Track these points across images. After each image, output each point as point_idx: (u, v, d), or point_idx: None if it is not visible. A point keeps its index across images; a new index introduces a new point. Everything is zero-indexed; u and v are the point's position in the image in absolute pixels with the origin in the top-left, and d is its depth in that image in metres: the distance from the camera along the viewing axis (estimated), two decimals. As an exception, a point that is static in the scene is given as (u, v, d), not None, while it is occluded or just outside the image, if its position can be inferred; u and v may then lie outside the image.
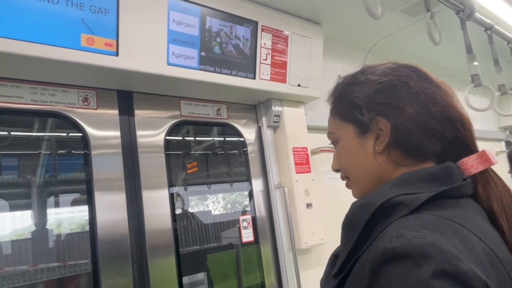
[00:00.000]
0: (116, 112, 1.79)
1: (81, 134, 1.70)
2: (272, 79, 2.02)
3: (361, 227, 0.60)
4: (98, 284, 1.59)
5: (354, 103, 0.71)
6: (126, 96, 1.83)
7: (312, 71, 2.19)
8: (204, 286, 2.75)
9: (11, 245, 4.38)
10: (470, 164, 0.66)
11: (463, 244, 0.52)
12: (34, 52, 1.35)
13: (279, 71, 2.05)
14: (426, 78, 0.71)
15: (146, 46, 1.59)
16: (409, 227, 0.54)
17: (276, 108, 2.18)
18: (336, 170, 0.78)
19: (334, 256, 0.72)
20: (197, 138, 2.94)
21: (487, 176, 0.67)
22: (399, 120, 0.66)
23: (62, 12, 1.39)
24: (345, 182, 0.77)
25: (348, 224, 0.65)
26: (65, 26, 1.41)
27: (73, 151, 2.50)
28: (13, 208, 4.30)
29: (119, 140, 1.78)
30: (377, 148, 0.68)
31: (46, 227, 4.64)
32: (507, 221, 0.64)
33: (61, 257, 3.78)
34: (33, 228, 4.82)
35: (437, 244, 0.49)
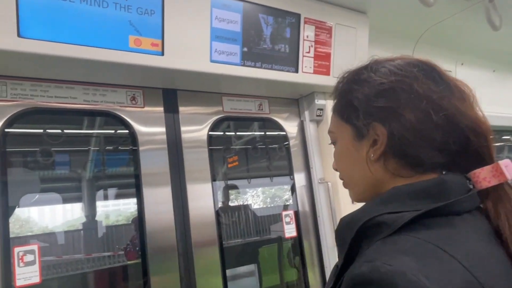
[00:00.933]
0: (161, 109, 1.87)
1: (129, 131, 1.79)
2: (315, 72, 2.00)
3: (348, 244, 0.59)
4: (147, 274, 1.68)
5: (352, 104, 0.66)
6: (171, 94, 1.90)
7: (357, 63, 2.13)
8: (247, 278, 2.82)
9: (64, 235, 4.73)
10: (483, 177, 0.60)
11: (439, 273, 0.48)
12: (87, 55, 1.43)
13: (323, 63, 2.03)
14: (435, 80, 0.63)
15: (190, 45, 1.64)
16: (383, 252, 0.52)
17: (319, 102, 2.16)
18: (335, 169, 0.74)
19: (336, 267, 0.67)
20: (237, 133, 2.99)
21: (500, 192, 0.60)
22: (396, 128, 0.61)
23: (111, 15, 1.46)
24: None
25: (338, 239, 0.64)
26: (114, 28, 1.48)
27: (121, 147, 2.65)
28: (65, 201, 4.63)
29: (164, 136, 1.85)
30: (372, 155, 0.63)
31: (96, 218, 4.95)
32: None
33: (111, 248, 4.02)
34: (84, 219, 5.17)
35: (404, 273, 0.47)
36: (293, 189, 2.28)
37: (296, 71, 1.94)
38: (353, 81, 0.68)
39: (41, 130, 2.37)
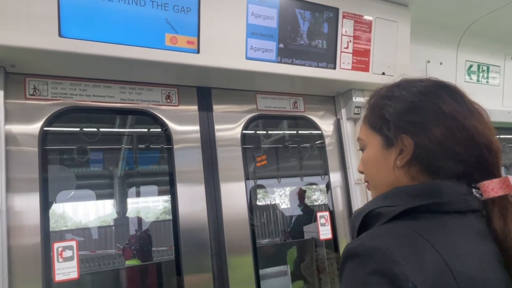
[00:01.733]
0: (195, 108, 1.87)
1: (164, 130, 1.80)
2: (353, 68, 1.94)
3: (356, 231, 0.72)
4: (180, 270, 1.70)
5: (384, 117, 0.76)
6: (205, 92, 1.90)
7: (398, 58, 2.06)
8: (280, 278, 2.80)
9: (97, 231, 4.89)
10: (491, 188, 0.70)
11: (412, 253, 0.60)
12: (124, 54, 1.45)
13: (362, 59, 1.96)
14: (459, 101, 0.73)
15: (226, 42, 1.63)
16: (372, 234, 0.66)
17: (357, 99, 2.09)
18: (361, 172, 0.85)
19: None
20: (271, 132, 2.96)
21: (506, 202, 0.70)
22: (423, 140, 0.71)
23: (148, 14, 1.48)
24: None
25: (351, 227, 0.78)
26: (151, 27, 1.50)
27: (155, 146, 2.69)
28: (99, 197, 4.78)
29: (198, 135, 1.86)
30: (398, 163, 0.74)
31: (133, 215, 5.07)
32: None
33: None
34: (115, 215, 5.30)
35: (381, 248, 0.60)
36: (327, 190, 2.23)
37: (334, 67, 1.89)
38: (386, 97, 0.78)
39: (78, 129, 2.45)
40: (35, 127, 1.51)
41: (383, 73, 2.03)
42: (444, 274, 0.59)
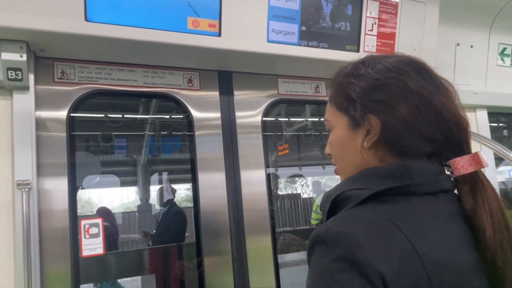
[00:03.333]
0: (216, 93, 1.91)
1: (187, 116, 1.84)
2: (378, 51, 1.91)
3: (326, 214, 0.72)
4: (200, 253, 1.76)
5: (349, 97, 0.74)
6: (226, 76, 1.93)
7: (425, 40, 2.01)
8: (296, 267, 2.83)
9: (121, 216, 5.07)
10: (461, 165, 0.69)
11: (379, 238, 0.60)
12: (148, 37, 1.50)
13: (387, 42, 1.93)
14: (426, 77, 0.72)
15: (247, 25, 1.64)
16: (340, 218, 0.66)
17: (382, 84, 2.07)
18: (328, 155, 0.83)
19: None
20: (294, 119, 2.97)
21: (476, 178, 0.70)
22: (389, 120, 0.69)
23: (170, -3, 1.51)
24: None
25: (322, 211, 0.76)
26: (173, 10, 1.53)
27: (177, 132, 2.76)
28: (122, 184, 4.94)
29: (219, 121, 1.89)
30: (366, 144, 0.72)
31: (149, 202, 5.22)
32: (492, 222, 0.66)
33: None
34: (138, 202, 5.47)
35: (346, 234, 0.60)
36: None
37: (358, 50, 1.87)
38: (351, 75, 0.75)
39: (103, 115, 2.54)
40: (62, 113, 1.58)
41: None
42: (411, 259, 0.59)
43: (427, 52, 2.03)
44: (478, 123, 2.54)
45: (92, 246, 1.53)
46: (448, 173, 0.72)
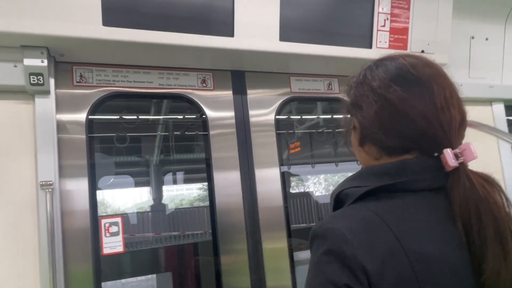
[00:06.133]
0: (230, 92, 1.95)
1: (201, 115, 1.89)
2: (390, 46, 1.93)
3: (332, 211, 0.76)
4: (217, 251, 1.81)
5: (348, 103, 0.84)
6: (239, 75, 1.97)
7: (439, 34, 2.02)
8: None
9: (136, 216, 5.16)
10: (445, 161, 0.70)
11: (366, 233, 0.64)
12: (162, 40, 1.56)
13: (399, 37, 1.95)
14: (403, 81, 0.74)
15: (259, 24, 1.69)
16: (333, 215, 0.72)
17: (394, 79, 2.08)
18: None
19: None
20: (307, 116, 2.99)
21: (458, 173, 0.69)
22: (361, 119, 0.77)
23: (184, -1, 1.56)
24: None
25: (330, 208, 0.81)
26: (188, 12, 1.58)
27: (191, 132, 2.81)
28: (136, 184, 5.03)
29: (233, 120, 1.93)
30: (357, 143, 0.81)
31: (162, 201, 5.30)
32: (480, 222, 0.66)
33: (177, 228, 4.32)
34: (151, 202, 5.56)
35: (335, 229, 0.66)
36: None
37: (370, 46, 1.90)
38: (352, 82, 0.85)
39: (118, 116, 2.61)
40: (82, 116, 1.65)
41: (423, 51, 2.01)
42: (396, 253, 0.63)
43: (441, 46, 2.04)
44: (495, 116, 2.53)
45: (113, 244, 1.60)
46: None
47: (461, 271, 0.65)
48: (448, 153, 0.70)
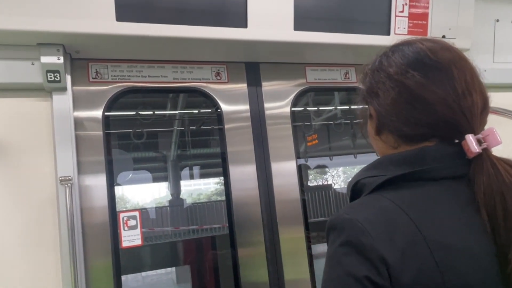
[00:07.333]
0: (244, 85, 1.95)
1: (216, 109, 1.90)
2: (409, 33, 1.88)
3: (349, 201, 0.76)
4: (234, 244, 1.82)
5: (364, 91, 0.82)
6: (254, 67, 1.96)
7: (460, 19, 1.95)
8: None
9: (154, 211, 5.27)
10: (467, 148, 0.67)
11: (385, 224, 0.63)
12: (175, 33, 1.56)
13: (419, 22, 1.89)
14: (421, 66, 0.72)
15: (273, 14, 1.67)
16: (350, 206, 0.71)
17: (414, 67, 2.03)
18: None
19: None
20: (324, 108, 2.96)
21: (481, 160, 0.67)
22: (379, 107, 0.75)
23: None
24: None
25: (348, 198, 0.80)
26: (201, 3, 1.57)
27: (206, 126, 2.83)
28: (155, 179, 5.13)
29: (248, 113, 1.93)
30: (373, 132, 0.79)
31: (180, 196, 5.38)
32: (504, 210, 0.63)
33: (195, 222, 4.39)
34: (169, 197, 5.65)
35: (352, 220, 0.64)
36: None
37: (388, 33, 1.85)
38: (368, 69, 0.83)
39: (134, 112, 2.65)
40: (98, 112, 1.67)
41: (443, 36, 1.94)
42: (417, 244, 0.61)
43: (463, 31, 1.97)
44: (521, 102, 2.44)
45: (131, 237, 1.63)
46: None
47: (485, 261, 0.62)
48: (470, 139, 0.67)
